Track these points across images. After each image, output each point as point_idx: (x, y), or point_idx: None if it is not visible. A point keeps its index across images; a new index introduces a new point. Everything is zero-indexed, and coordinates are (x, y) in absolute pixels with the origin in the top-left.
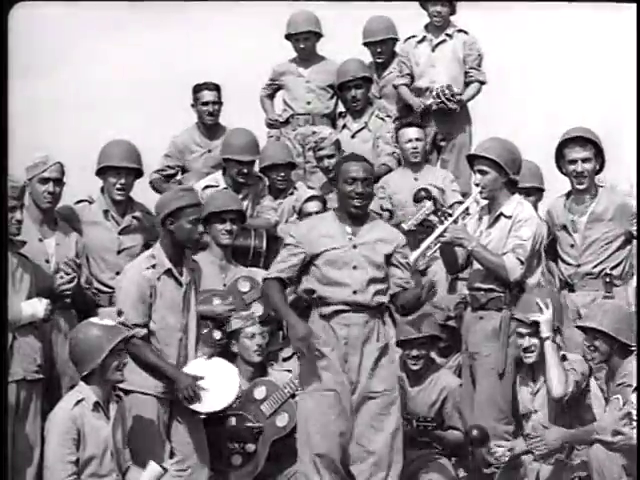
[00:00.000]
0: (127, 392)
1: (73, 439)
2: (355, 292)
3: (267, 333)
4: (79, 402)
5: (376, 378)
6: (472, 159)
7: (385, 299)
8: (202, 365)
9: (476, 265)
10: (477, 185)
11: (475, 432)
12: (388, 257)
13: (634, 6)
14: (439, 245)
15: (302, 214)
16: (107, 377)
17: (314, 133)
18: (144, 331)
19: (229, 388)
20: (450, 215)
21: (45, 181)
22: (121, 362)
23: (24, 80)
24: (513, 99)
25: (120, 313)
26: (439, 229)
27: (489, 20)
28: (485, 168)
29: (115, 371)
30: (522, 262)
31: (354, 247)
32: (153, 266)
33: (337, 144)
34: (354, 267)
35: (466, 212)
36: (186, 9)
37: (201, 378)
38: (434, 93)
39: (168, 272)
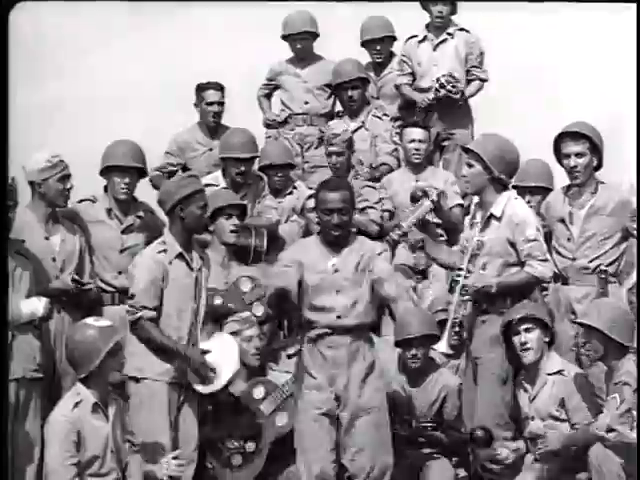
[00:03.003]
0: (138, 380)
1: (73, 442)
2: (339, 317)
3: (267, 333)
4: (78, 404)
5: (365, 395)
6: (466, 152)
7: (369, 319)
8: (206, 344)
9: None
10: (463, 177)
11: (480, 432)
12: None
13: (634, 6)
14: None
15: (304, 212)
16: (106, 378)
17: (329, 127)
18: (151, 313)
19: (231, 360)
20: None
21: (64, 179)
22: (118, 362)
23: (24, 80)
24: (515, 98)
25: (132, 296)
26: (457, 288)
27: (490, 20)
28: (472, 161)
29: (114, 372)
30: (545, 259)
31: (336, 271)
32: (164, 251)
33: (350, 142)
34: (337, 291)
35: (474, 255)
36: (186, 9)
37: (208, 352)
38: (437, 84)
39: (179, 256)
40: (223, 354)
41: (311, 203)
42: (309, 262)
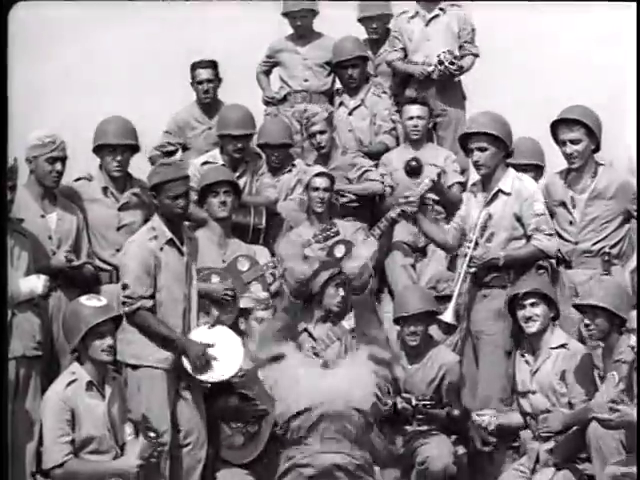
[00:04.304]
0: (135, 367)
1: (67, 420)
2: None
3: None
4: (71, 383)
5: None
6: (466, 137)
7: None
8: (206, 334)
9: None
10: (475, 163)
11: (456, 412)
12: None
13: (634, 5)
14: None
15: (309, 188)
16: (91, 357)
17: (306, 111)
18: (150, 302)
19: (234, 357)
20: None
21: (54, 160)
22: (105, 343)
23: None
24: (509, 75)
25: (125, 287)
26: (464, 262)
27: (490, 17)
28: (484, 145)
29: (100, 352)
30: (552, 234)
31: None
32: (155, 237)
33: (329, 121)
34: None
35: (483, 228)
36: None
37: (210, 346)
38: (436, 60)
39: (170, 242)
40: (224, 351)
41: (317, 182)
42: None
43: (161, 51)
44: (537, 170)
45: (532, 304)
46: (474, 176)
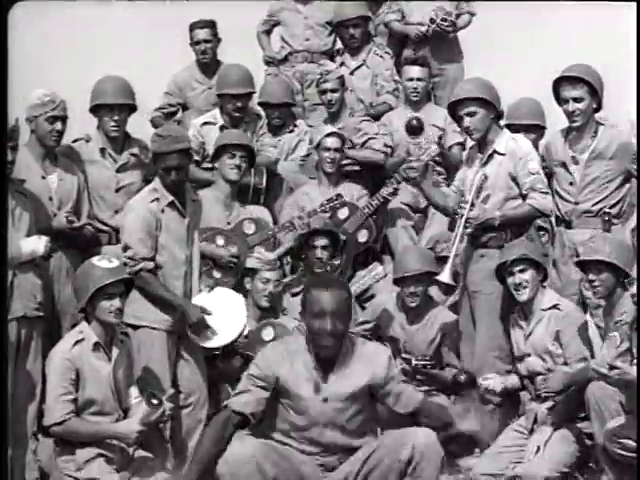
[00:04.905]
0: (136, 327)
1: (71, 379)
2: (326, 451)
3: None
4: (78, 342)
5: None
6: (455, 106)
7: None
8: (206, 298)
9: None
10: (467, 129)
11: (462, 376)
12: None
13: (634, 5)
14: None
15: (320, 148)
16: (98, 317)
17: (319, 66)
18: (151, 264)
19: (237, 319)
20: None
21: (54, 119)
22: (113, 305)
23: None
24: (509, 36)
25: (127, 248)
26: (461, 222)
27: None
28: (472, 109)
29: (107, 313)
30: (547, 192)
31: (324, 401)
32: (157, 199)
33: (342, 80)
34: (324, 425)
35: (479, 188)
36: None
37: (209, 313)
38: (428, 19)
39: (171, 204)
40: (227, 314)
41: (328, 142)
42: (292, 375)
43: (161, 11)
44: (538, 131)
45: (521, 270)
46: None
